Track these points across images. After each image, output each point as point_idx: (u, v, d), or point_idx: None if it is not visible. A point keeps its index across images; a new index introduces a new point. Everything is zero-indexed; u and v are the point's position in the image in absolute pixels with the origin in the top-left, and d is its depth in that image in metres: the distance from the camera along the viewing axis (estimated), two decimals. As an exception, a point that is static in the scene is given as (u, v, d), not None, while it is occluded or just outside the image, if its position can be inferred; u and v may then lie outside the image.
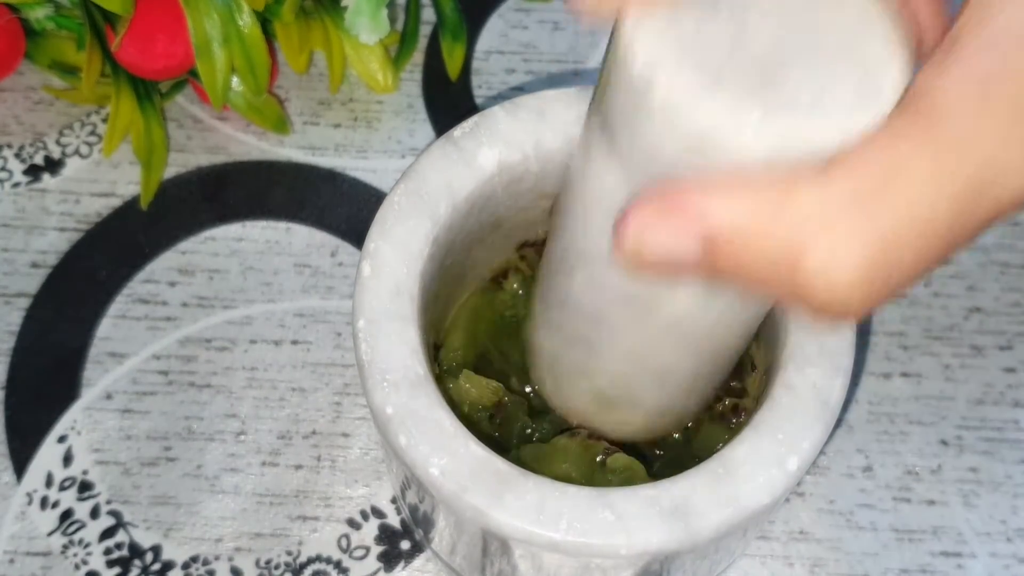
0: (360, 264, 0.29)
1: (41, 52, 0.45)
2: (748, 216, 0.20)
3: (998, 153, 0.19)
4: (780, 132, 0.20)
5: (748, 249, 0.20)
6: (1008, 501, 0.39)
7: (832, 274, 0.19)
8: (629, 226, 0.21)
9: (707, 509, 0.26)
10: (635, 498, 0.26)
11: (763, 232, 0.20)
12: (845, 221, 0.19)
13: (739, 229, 0.20)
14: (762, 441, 0.27)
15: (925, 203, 0.19)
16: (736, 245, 0.20)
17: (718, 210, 0.20)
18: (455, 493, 0.26)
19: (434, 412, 0.27)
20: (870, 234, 0.19)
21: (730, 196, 0.20)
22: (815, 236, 0.19)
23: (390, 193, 0.30)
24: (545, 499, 0.26)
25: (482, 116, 0.31)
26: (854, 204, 0.19)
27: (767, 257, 0.20)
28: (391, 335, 0.28)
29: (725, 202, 0.20)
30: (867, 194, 0.19)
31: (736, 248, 0.20)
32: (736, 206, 0.20)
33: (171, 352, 0.41)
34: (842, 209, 0.19)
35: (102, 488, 0.39)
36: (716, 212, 0.20)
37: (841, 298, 0.20)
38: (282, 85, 0.46)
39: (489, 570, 0.31)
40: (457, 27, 0.46)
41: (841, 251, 0.19)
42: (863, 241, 0.19)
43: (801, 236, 0.19)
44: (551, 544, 0.26)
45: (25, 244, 0.43)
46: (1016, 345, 0.42)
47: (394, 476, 0.33)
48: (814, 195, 0.19)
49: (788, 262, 0.19)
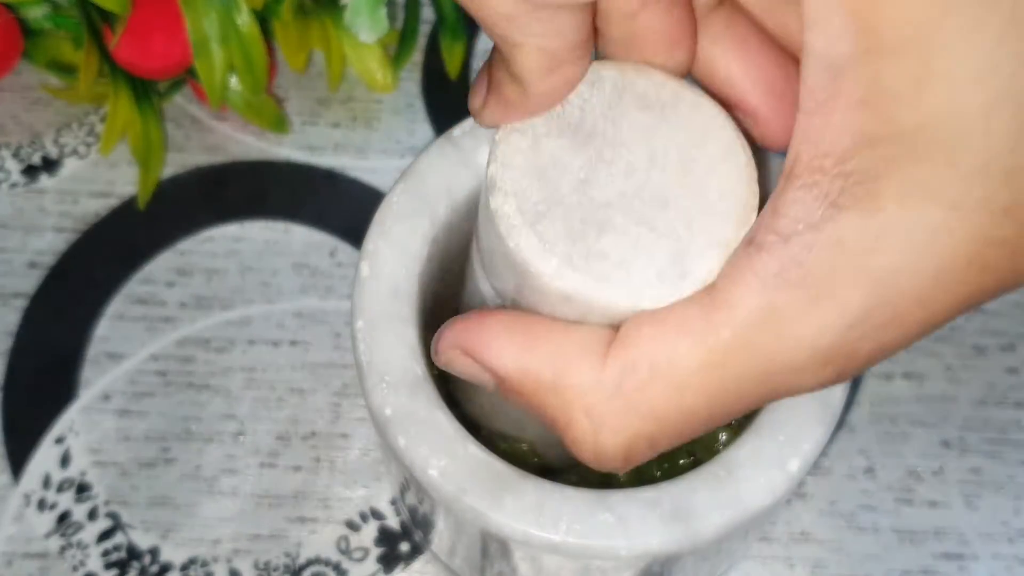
0: (359, 265, 0.29)
1: (39, 51, 0.45)
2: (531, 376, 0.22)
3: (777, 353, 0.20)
4: (572, 284, 0.22)
5: (529, 402, 0.23)
6: (1010, 502, 0.39)
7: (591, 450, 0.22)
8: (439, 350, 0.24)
9: (708, 511, 0.26)
10: (635, 500, 0.26)
11: (541, 395, 0.22)
12: (606, 407, 0.22)
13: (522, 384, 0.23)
14: (763, 443, 0.27)
15: (687, 399, 0.21)
16: (520, 395, 0.23)
17: (508, 363, 0.23)
18: (454, 495, 0.26)
19: (433, 413, 0.27)
20: (627, 426, 0.22)
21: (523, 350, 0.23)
22: (581, 414, 0.22)
23: (389, 193, 0.30)
24: (545, 501, 0.26)
25: None
26: (619, 396, 0.21)
27: (545, 413, 0.23)
28: (390, 336, 0.28)
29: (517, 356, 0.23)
30: (631, 388, 0.21)
31: (519, 397, 0.23)
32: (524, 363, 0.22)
33: (169, 353, 0.41)
34: (608, 398, 0.21)
35: (100, 489, 0.39)
36: (506, 364, 0.23)
37: (598, 464, 0.23)
38: (281, 84, 0.46)
39: (489, 572, 0.31)
40: (457, 26, 0.46)
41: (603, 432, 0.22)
42: (620, 431, 0.22)
43: (571, 410, 0.22)
44: (551, 546, 0.26)
45: (22, 244, 0.43)
46: (1018, 346, 0.41)
47: (393, 477, 0.33)
48: (588, 376, 0.22)
49: (560, 424, 0.22)
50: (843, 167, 0.19)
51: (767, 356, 0.20)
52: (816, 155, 0.19)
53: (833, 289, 0.19)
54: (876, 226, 0.19)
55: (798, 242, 0.19)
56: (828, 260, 0.19)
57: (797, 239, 0.19)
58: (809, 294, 0.20)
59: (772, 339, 0.20)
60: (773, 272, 0.20)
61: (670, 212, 0.23)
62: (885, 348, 0.20)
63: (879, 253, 0.19)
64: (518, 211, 0.23)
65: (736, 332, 0.20)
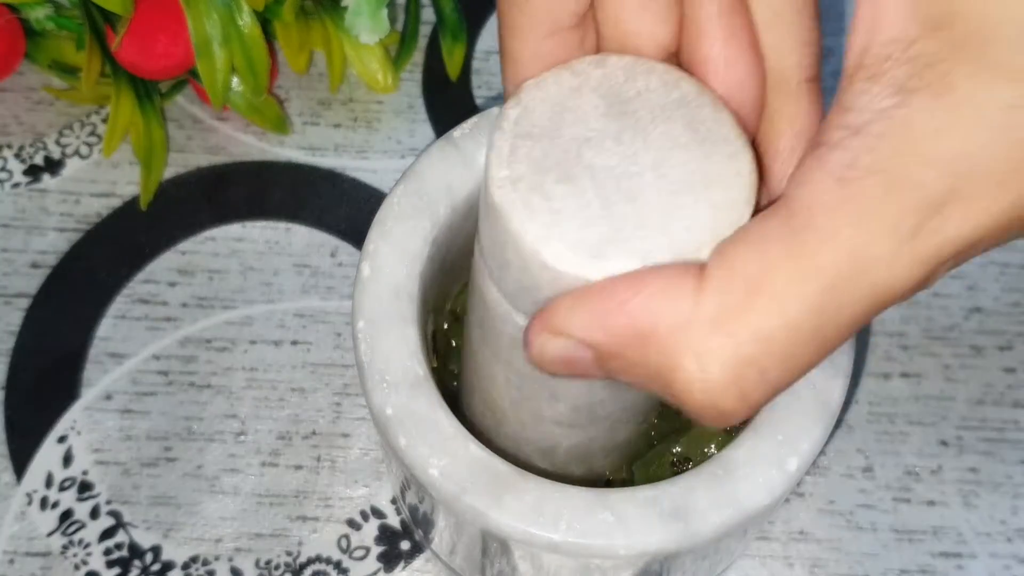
0: (360, 265, 0.29)
1: (41, 52, 0.45)
2: (627, 332, 0.21)
3: (862, 246, 0.19)
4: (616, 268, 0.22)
5: (631, 360, 0.21)
6: (1008, 501, 0.39)
7: (702, 392, 0.21)
8: (530, 341, 0.23)
9: (707, 510, 0.26)
10: (634, 499, 0.26)
11: (642, 350, 0.21)
12: (709, 342, 0.20)
13: (621, 345, 0.21)
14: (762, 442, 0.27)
15: (791, 313, 0.20)
16: (620, 358, 0.22)
17: (601, 327, 0.22)
18: (454, 494, 0.26)
19: (434, 413, 0.27)
20: (733, 355, 0.20)
21: (610, 311, 0.21)
22: (685, 355, 0.21)
23: (389, 194, 0.30)
24: (544, 500, 0.26)
25: (482, 116, 0.31)
26: (717, 325, 0.20)
27: (647, 371, 0.21)
28: (391, 336, 0.28)
29: (607, 317, 0.22)
30: (730, 313, 0.20)
31: (619, 361, 0.22)
32: (616, 321, 0.21)
33: (171, 352, 0.41)
34: (707, 331, 0.20)
35: (102, 488, 0.39)
36: (600, 329, 0.22)
37: (715, 410, 0.21)
38: (282, 85, 0.46)
39: (489, 571, 0.31)
40: (457, 27, 0.46)
41: (710, 369, 0.20)
42: (726, 361, 0.20)
43: (674, 354, 0.21)
44: (550, 545, 0.26)
45: (25, 244, 0.43)
46: (1016, 345, 0.42)
47: (394, 477, 0.33)
48: (684, 313, 0.21)
49: (665, 376, 0.21)
50: (909, 52, 0.19)
51: (853, 251, 0.19)
52: (882, 43, 0.19)
53: (908, 172, 0.19)
54: (947, 107, 0.19)
55: (868, 131, 0.19)
56: (900, 145, 0.19)
57: (867, 129, 0.19)
58: (884, 179, 0.19)
59: (855, 232, 0.19)
60: (845, 164, 0.19)
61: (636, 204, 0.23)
62: (973, 238, 0.19)
63: (952, 133, 0.19)
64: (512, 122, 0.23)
65: (819, 232, 0.20)
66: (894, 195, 0.19)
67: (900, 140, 0.19)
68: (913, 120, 0.19)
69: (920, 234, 0.19)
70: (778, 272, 0.20)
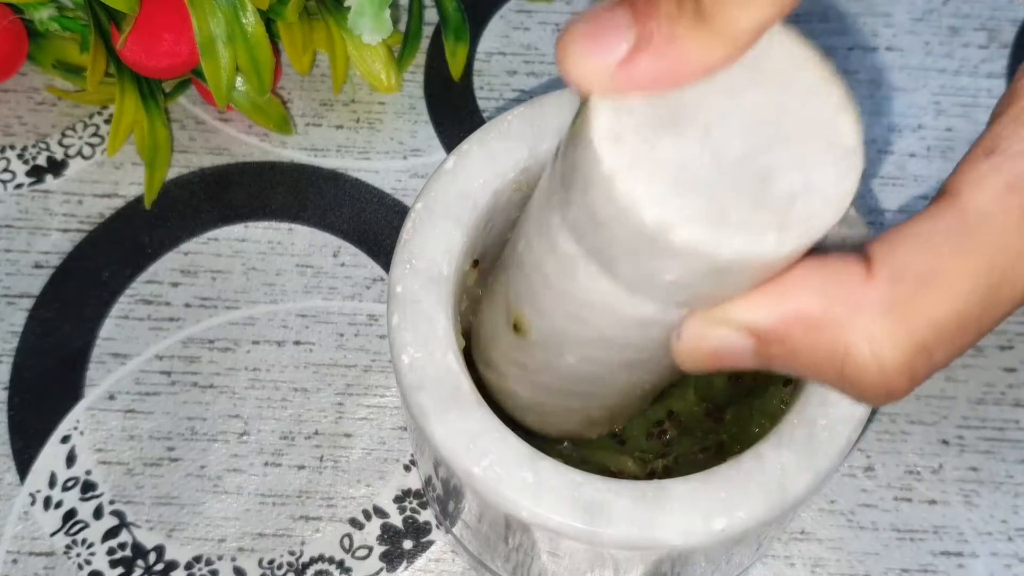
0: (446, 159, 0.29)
1: (44, 53, 0.45)
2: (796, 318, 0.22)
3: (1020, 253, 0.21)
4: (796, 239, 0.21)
5: (797, 348, 0.22)
6: (1009, 500, 0.39)
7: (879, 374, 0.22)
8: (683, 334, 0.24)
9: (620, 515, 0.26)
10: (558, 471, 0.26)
11: (810, 336, 0.22)
12: (883, 328, 0.21)
13: (787, 331, 0.22)
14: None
15: (960, 303, 0.21)
16: (785, 344, 0.22)
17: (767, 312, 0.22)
18: (414, 386, 0.27)
19: (436, 314, 0.27)
20: (908, 340, 0.21)
21: (778, 296, 0.22)
22: (859, 338, 0.21)
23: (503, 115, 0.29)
24: (482, 434, 0.26)
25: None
26: (890, 312, 0.21)
27: (815, 357, 0.22)
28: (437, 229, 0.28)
29: (775, 303, 0.22)
30: (903, 301, 0.21)
31: (783, 347, 0.22)
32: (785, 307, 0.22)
33: (174, 353, 0.41)
34: (881, 317, 0.21)
35: (105, 488, 0.39)
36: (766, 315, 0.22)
37: (886, 390, 0.22)
38: (285, 86, 0.47)
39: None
40: (460, 28, 0.46)
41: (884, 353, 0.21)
42: (902, 346, 0.21)
43: (846, 338, 0.22)
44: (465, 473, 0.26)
45: (28, 245, 0.43)
46: (1017, 344, 0.42)
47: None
48: (856, 298, 0.21)
49: (837, 361, 0.22)
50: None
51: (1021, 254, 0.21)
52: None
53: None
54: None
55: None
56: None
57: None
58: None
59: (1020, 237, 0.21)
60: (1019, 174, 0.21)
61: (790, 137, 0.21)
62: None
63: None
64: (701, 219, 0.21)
65: (993, 234, 0.21)
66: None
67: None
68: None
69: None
70: (950, 267, 0.21)
